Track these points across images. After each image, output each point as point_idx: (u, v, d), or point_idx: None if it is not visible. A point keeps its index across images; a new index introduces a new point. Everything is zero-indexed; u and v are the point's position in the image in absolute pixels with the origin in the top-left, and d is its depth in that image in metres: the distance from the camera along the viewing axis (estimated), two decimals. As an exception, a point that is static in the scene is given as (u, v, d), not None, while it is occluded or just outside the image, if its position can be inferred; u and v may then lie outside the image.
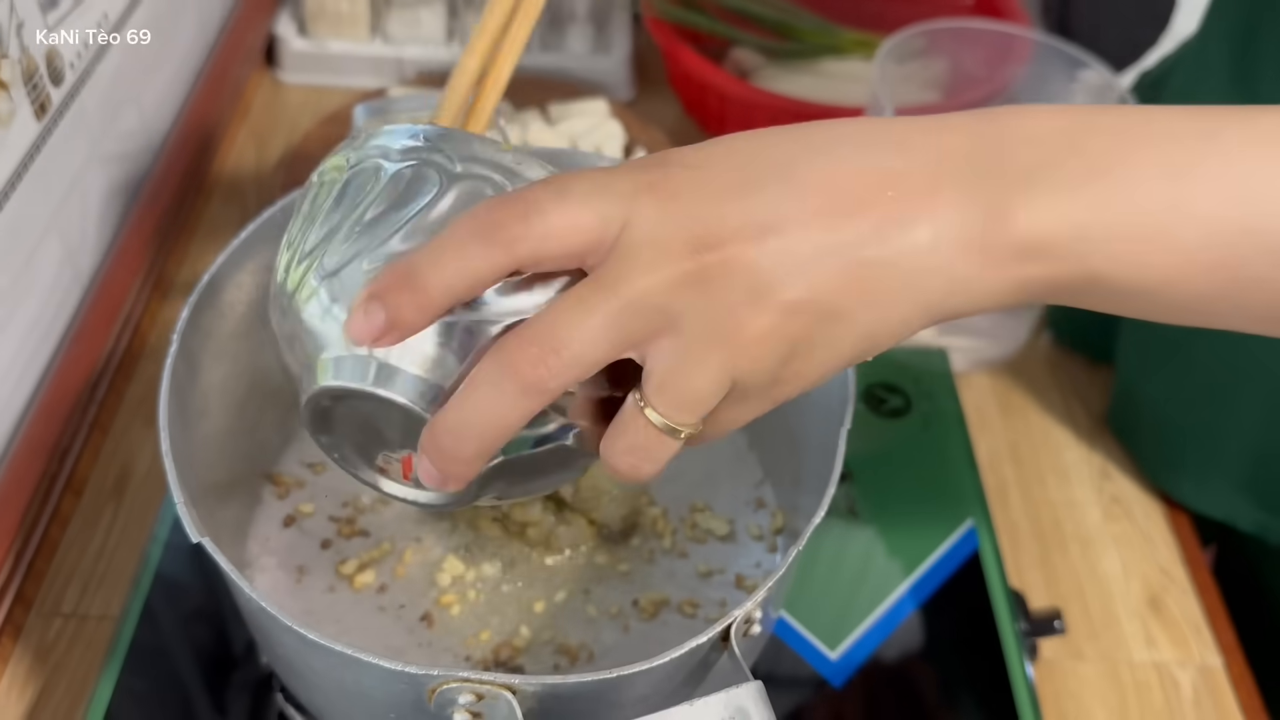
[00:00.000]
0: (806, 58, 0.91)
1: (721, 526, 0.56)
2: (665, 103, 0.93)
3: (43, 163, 0.65)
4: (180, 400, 0.45)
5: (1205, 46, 0.67)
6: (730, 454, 0.59)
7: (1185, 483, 0.69)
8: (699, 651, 0.39)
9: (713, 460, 0.59)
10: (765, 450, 0.59)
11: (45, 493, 0.61)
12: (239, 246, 0.50)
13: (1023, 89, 0.76)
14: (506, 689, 0.37)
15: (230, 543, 0.53)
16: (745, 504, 0.57)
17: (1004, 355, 0.77)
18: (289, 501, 0.56)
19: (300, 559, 0.54)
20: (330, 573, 0.53)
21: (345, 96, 0.93)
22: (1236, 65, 0.63)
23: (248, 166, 0.89)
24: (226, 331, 0.51)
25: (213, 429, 0.50)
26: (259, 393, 0.54)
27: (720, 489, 0.58)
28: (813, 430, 0.53)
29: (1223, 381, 0.65)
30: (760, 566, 0.55)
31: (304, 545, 0.54)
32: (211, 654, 0.54)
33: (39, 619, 0.59)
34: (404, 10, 0.95)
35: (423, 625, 0.51)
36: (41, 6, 0.65)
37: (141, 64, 0.80)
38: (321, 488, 0.56)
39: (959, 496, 0.59)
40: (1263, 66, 0.61)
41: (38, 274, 0.66)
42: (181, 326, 0.47)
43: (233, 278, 0.50)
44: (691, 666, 0.41)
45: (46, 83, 0.66)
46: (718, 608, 0.53)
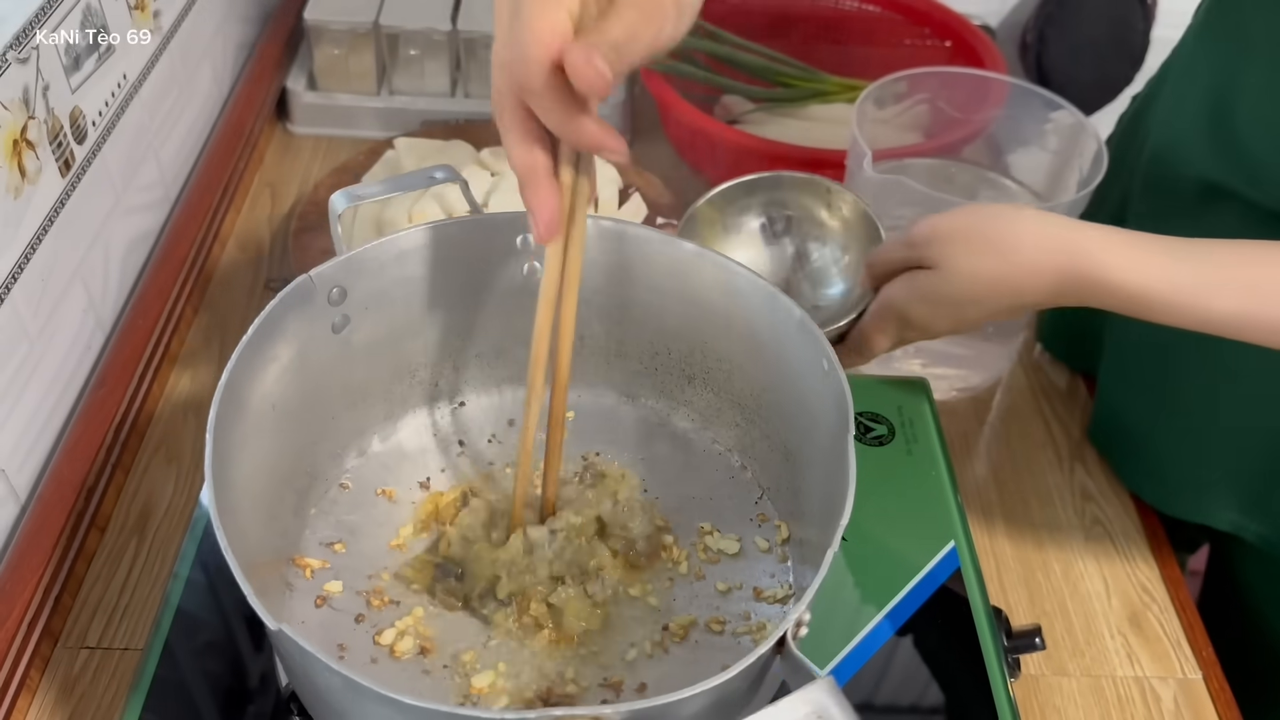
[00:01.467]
0: (794, 103, 0.95)
1: (731, 545, 0.59)
2: (659, 147, 0.97)
3: (68, 216, 0.69)
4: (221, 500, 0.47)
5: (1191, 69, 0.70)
6: (726, 476, 0.62)
7: (1160, 489, 0.72)
8: (762, 659, 0.43)
9: (712, 484, 0.62)
10: (759, 468, 0.62)
11: (72, 530, 0.64)
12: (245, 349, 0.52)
13: (999, 130, 0.80)
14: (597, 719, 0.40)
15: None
16: (749, 521, 0.60)
17: (986, 384, 0.80)
18: (315, 582, 0.57)
19: (338, 637, 0.54)
20: (369, 645, 0.54)
21: (355, 146, 0.97)
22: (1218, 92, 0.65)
23: (262, 214, 0.93)
24: (247, 427, 0.53)
25: (243, 522, 0.51)
26: (275, 480, 0.56)
27: (724, 510, 0.61)
28: (804, 442, 0.57)
29: (1200, 393, 0.68)
30: (775, 577, 0.58)
31: (339, 623, 0.55)
32: (229, 686, 0.56)
33: (65, 651, 0.62)
34: (409, 64, 0.99)
35: (468, 680, 0.53)
36: (66, 69, 0.69)
37: (160, 120, 0.84)
38: (344, 565, 0.58)
39: (941, 520, 0.62)
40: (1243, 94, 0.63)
41: (64, 321, 0.69)
42: (212, 426, 0.48)
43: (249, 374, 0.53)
44: (754, 675, 0.44)
45: (71, 140, 0.69)
46: (742, 621, 0.56)
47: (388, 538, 0.59)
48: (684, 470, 0.63)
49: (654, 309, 0.62)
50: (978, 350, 0.78)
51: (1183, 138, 0.68)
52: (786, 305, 0.55)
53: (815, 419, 0.54)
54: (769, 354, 0.58)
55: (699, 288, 0.59)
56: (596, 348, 0.64)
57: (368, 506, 0.61)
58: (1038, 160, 0.78)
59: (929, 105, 0.82)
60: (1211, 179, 0.65)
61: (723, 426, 0.63)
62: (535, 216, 0.48)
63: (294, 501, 0.58)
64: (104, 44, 0.74)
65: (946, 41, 0.99)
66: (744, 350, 0.60)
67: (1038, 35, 1.17)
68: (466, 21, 0.97)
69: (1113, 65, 1.17)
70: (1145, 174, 0.71)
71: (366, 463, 0.63)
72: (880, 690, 0.55)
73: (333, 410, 0.60)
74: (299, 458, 0.58)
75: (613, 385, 0.66)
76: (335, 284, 0.56)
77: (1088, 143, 0.72)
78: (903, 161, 0.80)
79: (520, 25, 0.44)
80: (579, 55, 0.42)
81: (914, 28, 1.00)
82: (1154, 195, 0.71)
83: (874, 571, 0.60)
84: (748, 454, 0.62)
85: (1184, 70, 0.71)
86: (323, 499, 0.60)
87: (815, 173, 0.82)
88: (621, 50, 0.44)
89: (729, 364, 0.61)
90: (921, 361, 0.78)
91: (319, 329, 0.57)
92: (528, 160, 0.47)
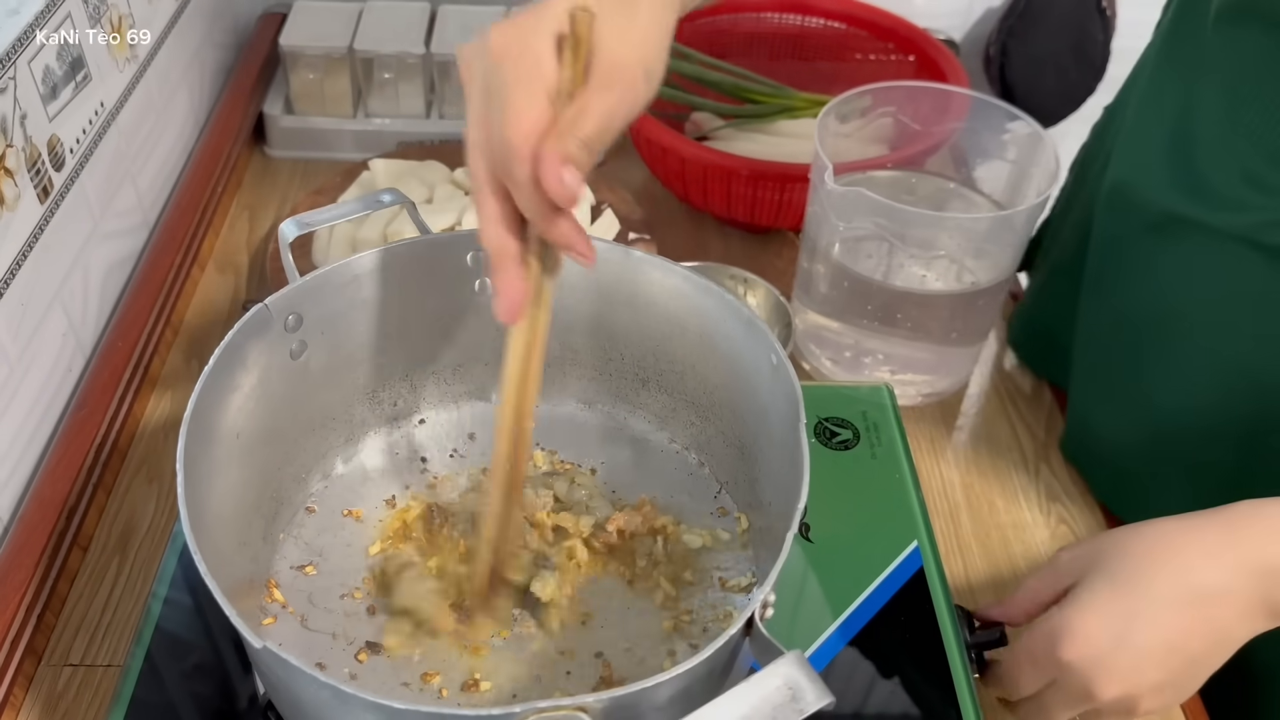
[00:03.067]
0: (762, 119, 0.97)
1: (694, 539, 0.61)
2: (631, 165, 0.99)
3: (46, 241, 0.70)
4: (197, 526, 0.48)
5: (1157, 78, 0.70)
6: (685, 474, 0.65)
7: (1133, 504, 0.71)
8: (732, 641, 0.45)
9: (672, 482, 0.64)
10: (716, 464, 0.64)
11: (54, 549, 0.65)
12: (208, 379, 0.53)
13: (961, 142, 0.82)
14: (580, 710, 0.41)
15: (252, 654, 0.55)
16: (710, 515, 0.63)
17: (953, 389, 0.82)
18: (291, 605, 0.58)
19: (316, 656, 0.55)
20: (351, 661, 0.55)
21: (332, 169, 0.99)
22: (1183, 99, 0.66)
23: (240, 237, 0.94)
24: (214, 456, 0.53)
25: (218, 547, 0.52)
26: (244, 507, 0.57)
27: (684, 506, 0.63)
28: (758, 436, 0.59)
29: (1170, 409, 0.68)
30: (738, 566, 0.60)
31: (315, 642, 0.56)
32: (211, 704, 0.56)
33: (48, 669, 0.63)
34: (384, 87, 1.01)
35: (451, 689, 0.54)
36: (43, 98, 0.70)
37: (137, 146, 0.85)
38: (315, 587, 0.59)
39: (904, 520, 0.63)
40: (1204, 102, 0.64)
41: (44, 345, 0.70)
42: (181, 457, 0.49)
43: (213, 404, 0.53)
44: (724, 658, 0.46)
45: (49, 168, 0.71)
46: (710, 610, 0.58)
47: (358, 557, 0.60)
48: (643, 470, 0.65)
49: (604, 317, 0.63)
50: (943, 356, 0.80)
51: (1143, 164, 0.68)
52: (734, 305, 0.57)
53: (767, 413, 0.56)
54: (719, 354, 0.60)
55: (648, 294, 0.61)
56: (550, 359, 0.65)
57: (335, 528, 0.62)
58: (998, 171, 0.80)
59: (893, 119, 0.84)
60: (1171, 207, 0.65)
61: (679, 426, 0.65)
62: (500, 299, 0.49)
63: (262, 527, 0.59)
64: (81, 73, 0.75)
65: (911, 56, 1.01)
66: (695, 352, 0.62)
67: (1000, 48, 1.19)
68: (440, 45, 0.99)
69: (1074, 76, 1.20)
70: (1107, 199, 0.71)
71: (331, 485, 0.64)
72: (846, 688, 0.56)
73: (294, 435, 0.61)
74: (265, 484, 0.59)
75: (569, 393, 0.68)
76: (291, 310, 0.57)
77: (1045, 152, 0.74)
78: (867, 174, 0.82)
79: (501, 113, 0.45)
80: (550, 169, 0.44)
81: (879, 43, 1.02)
82: (1115, 222, 0.71)
83: (839, 572, 0.61)
84: (705, 451, 0.65)
85: (1144, 96, 0.71)
86: (290, 523, 0.62)
87: (784, 185, 0.86)
88: (596, 143, 0.46)
89: (681, 365, 0.63)
90: (890, 369, 0.79)
91: (277, 356, 0.58)
92: (499, 244, 0.48)
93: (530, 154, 0.45)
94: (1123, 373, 0.71)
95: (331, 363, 0.61)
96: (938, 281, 0.76)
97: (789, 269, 0.90)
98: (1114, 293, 0.71)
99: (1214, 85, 0.63)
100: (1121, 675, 0.50)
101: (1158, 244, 0.66)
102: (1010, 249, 0.74)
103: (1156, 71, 0.70)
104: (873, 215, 0.72)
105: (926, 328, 0.77)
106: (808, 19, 1.04)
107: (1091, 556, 0.53)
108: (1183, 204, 0.64)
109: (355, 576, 0.59)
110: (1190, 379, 0.66)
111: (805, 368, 0.83)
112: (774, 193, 0.87)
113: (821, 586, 0.60)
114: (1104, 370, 0.73)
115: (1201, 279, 0.64)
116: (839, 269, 0.76)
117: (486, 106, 0.47)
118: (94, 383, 0.74)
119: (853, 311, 0.77)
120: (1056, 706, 0.53)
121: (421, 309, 0.63)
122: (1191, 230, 0.64)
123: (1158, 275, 0.67)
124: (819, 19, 1.04)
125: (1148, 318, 0.68)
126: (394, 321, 0.62)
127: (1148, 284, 0.68)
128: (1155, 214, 0.66)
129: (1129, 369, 0.70)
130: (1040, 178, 0.74)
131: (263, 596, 0.58)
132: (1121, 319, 0.70)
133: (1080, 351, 0.75)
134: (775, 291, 0.81)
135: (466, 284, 0.63)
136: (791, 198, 0.87)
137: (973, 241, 0.76)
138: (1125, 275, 0.70)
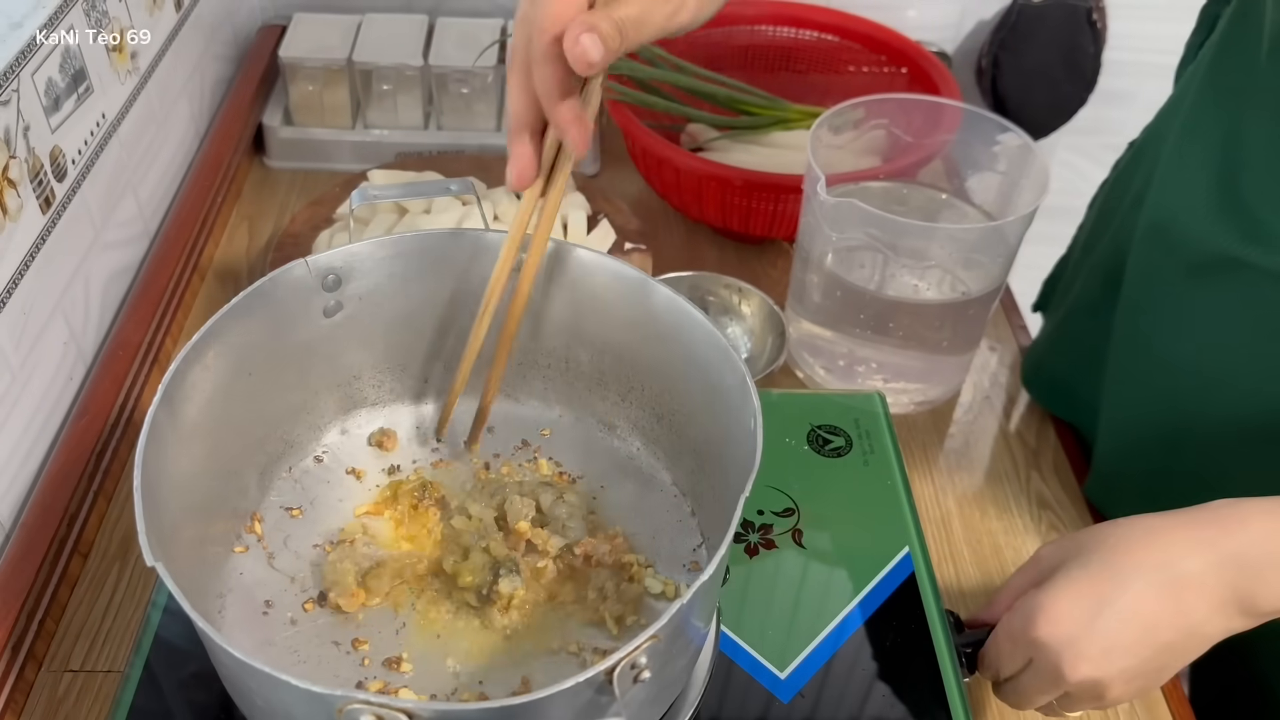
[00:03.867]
0: (757, 131, 0.98)
1: (656, 585, 0.58)
2: (627, 176, 1.00)
3: (49, 251, 0.71)
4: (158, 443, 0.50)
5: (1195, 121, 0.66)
6: (675, 519, 0.62)
7: None
8: (584, 690, 0.42)
9: (659, 524, 0.61)
10: (705, 517, 0.61)
11: (55, 556, 0.66)
12: (229, 309, 0.56)
13: (953, 153, 0.83)
14: (404, 713, 0.40)
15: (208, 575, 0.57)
16: (683, 567, 0.59)
17: (944, 397, 0.83)
18: (267, 541, 0.60)
19: (269, 594, 0.57)
20: (297, 608, 0.57)
21: (330, 180, 1.00)
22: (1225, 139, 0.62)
23: (240, 247, 0.95)
24: (223, 381, 0.56)
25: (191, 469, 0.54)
26: (246, 439, 0.59)
27: (662, 552, 0.60)
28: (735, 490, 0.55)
29: (1213, 453, 0.65)
30: None
31: (274, 581, 0.58)
32: (209, 712, 0.57)
33: (49, 675, 0.63)
34: (383, 99, 1.02)
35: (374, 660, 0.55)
36: (46, 110, 0.71)
37: (138, 157, 0.86)
38: (296, 530, 0.60)
39: (896, 526, 0.64)
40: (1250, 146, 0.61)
41: (45, 353, 0.71)
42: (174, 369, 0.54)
43: (228, 332, 0.56)
44: (579, 705, 0.44)
45: (51, 178, 0.72)
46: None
47: (344, 513, 0.62)
48: (638, 506, 0.62)
49: (630, 349, 0.63)
50: (935, 364, 0.80)
51: (1185, 202, 0.64)
52: (734, 360, 0.55)
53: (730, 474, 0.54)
54: (716, 410, 0.57)
55: (674, 334, 0.60)
56: (579, 374, 0.66)
57: (335, 482, 0.63)
58: (989, 182, 0.81)
59: (885, 131, 0.85)
60: (1217, 246, 0.62)
61: (682, 472, 0.63)
62: (511, 166, 0.53)
63: (264, 462, 0.62)
64: (83, 85, 0.76)
65: (903, 69, 1.02)
66: (700, 402, 0.59)
67: (992, 61, 1.21)
68: (438, 57, 1.00)
69: (1066, 88, 1.21)
70: (1144, 239, 0.68)
71: (345, 442, 0.65)
72: (839, 690, 0.57)
73: (316, 388, 0.64)
74: (275, 424, 0.62)
75: (592, 412, 0.66)
76: (331, 270, 0.60)
77: (1035, 164, 0.75)
78: (859, 185, 0.83)
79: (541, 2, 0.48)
80: (575, 30, 0.46)
81: (871, 56, 1.04)
82: (1153, 262, 0.67)
83: (831, 577, 0.62)
84: (699, 501, 0.62)
85: (1185, 129, 0.67)
86: (295, 468, 0.64)
87: (778, 196, 0.87)
88: (629, 28, 0.47)
89: (689, 409, 0.61)
90: (883, 377, 0.80)
91: (310, 309, 0.60)
92: (520, 113, 0.52)
93: (553, 29, 0.47)
94: (1159, 417, 0.68)
95: (364, 329, 0.63)
96: (930, 291, 0.77)
97: (783, 279, 0.91)
98: (1151, 335, 0.68)
99: (1265, 118, 0.60)
100: (1091, 658, 0.51)
101: (1200, 285, 0.64)
102: (1001, 259, 0.75)
103: (1198, 105, 0.66)
104: (865, 226, 0.73)
105: (919, 336, 0.78)
106: (801, 32, 1.05)
107: (1070, 547, 0.54)
108: (1230, 243, 0.61)
109: (334, 531, 0.61)
110: (1235, 423, 0.64)
111: (799, 375, 0.84)
112: (768, 203, 0.88)
113: (814, 592, 0.61)
114: (1138, 415, 0.70)
115: (1250, 320, 0.62)
116: (832, 279, 0.77)
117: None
118: (95, 391, 0.75)
119: (846, 320, 0.78)
120: (1031, 688, 0.54)
121: (460, 297, 0.64)
122: (1239, 270, 0.61)
123: (1200, 317, 0.64)
124: (812, 32, 1.05)
125: (1188, 361, 0.65)
126: (432, 302, 0.64)
127: (1189, 326, 0.65)
128: (1199, 254, 0.63)
129: (1166, 414, 0.67)
130: (1030, 189, 0.75)
131: (244, 526, 0.60)
132: (1158, 362, 0.67)
133: (1110, 395, 0.73)
134: (769, 301, 0.82)
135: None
136: (785, 208, 0.88)
137: (964, 251, 0.77)
138: (1163, 317, 0.67)
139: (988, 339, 0.88)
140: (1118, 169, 0.80)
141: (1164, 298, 0.67)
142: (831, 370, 0.82)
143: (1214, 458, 0.66)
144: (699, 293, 0.85)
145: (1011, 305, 0.92)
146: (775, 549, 0.63)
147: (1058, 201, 0.84)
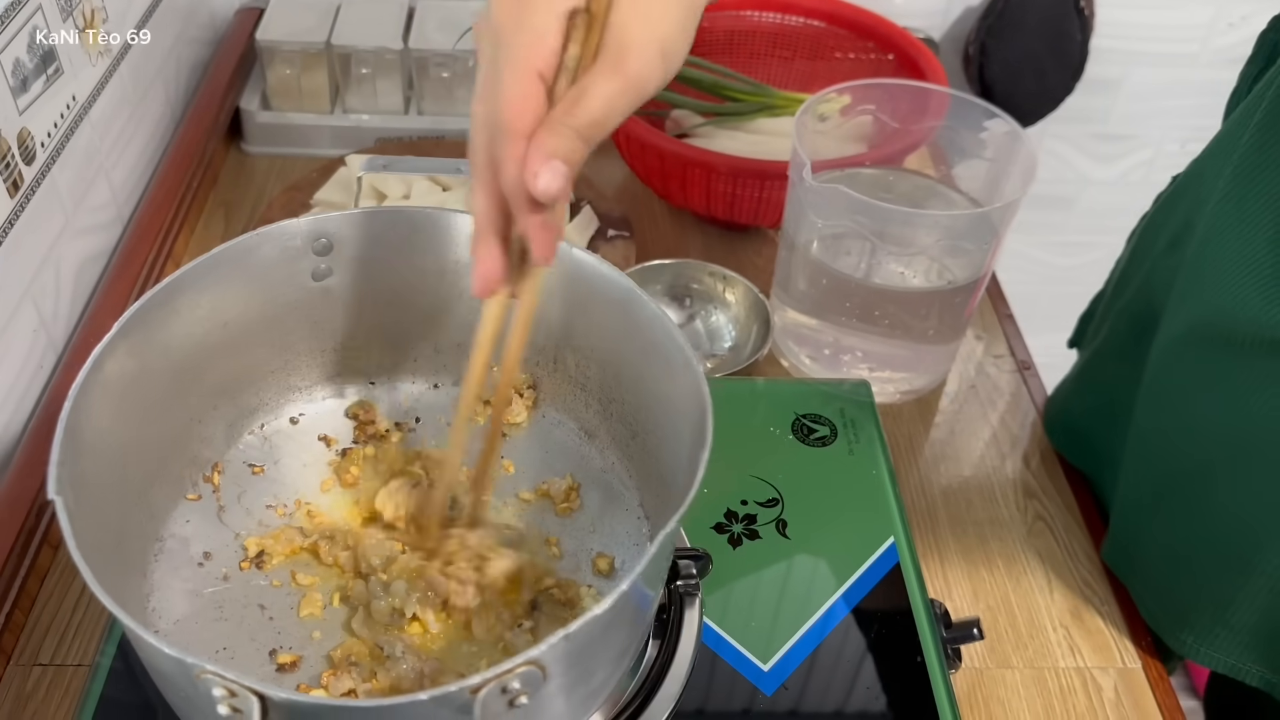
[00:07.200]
0: (742, 117, 0.97)
1: (591, 601, 0.55)
2: (610, 162, 0.99)
3: (16, 237, 0.69)
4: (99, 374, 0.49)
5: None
6: (634, 542, 0.59)
7: (1187, 634, 0.64)
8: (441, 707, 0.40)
9: (616, 540, 0.59)
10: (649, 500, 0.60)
11: (24, 547, 0.65)
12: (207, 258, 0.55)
13: (940, 139, 0.82)
14: (256, 695, 0.39)
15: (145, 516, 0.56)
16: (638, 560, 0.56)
17: (930, 386, 0.82)
18: (222, 493, 0.59)
19: (211, 545, 0.57)
20: (233, 564, 0.56)
21: (308, 165, 0.98)
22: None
23: (215, 233, 0.93)
24: (193, 329, 0.56)
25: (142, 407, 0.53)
26: (216, 387, 0.59)
27: (618, 540, 0.59)
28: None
29: (1241, 531, 0.60)
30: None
31: (217, 535, 0.57)
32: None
33: (18, 669, 0.62)
34: (362, 83, 1.00)
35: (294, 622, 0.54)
36: (13, 90, 0.69)
37: (111, 141, 0.84)
38: (253, 487, 0.60)
39: (882, 516, 0.63)
40: None
41: (14, 341, 0.69)
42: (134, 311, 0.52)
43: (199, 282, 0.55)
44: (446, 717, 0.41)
45: (19, 162, 0.70)
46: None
47: (306, 479, 0.61)
48: (600, 522, 0.60)
49: (616, 357, 0.61)
50: (921, 353, 0.80)
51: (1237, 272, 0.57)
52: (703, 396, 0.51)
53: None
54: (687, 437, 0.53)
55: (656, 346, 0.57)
56: (566, 376, 0.64)
57: (304, 445, 0.63)
58: (976, 169, 0.80)
59: (872, 117, 0.84)
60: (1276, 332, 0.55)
61: (650, 493, 0.60)
62: (475, 270, 0.49)
63: (233, 415, 0.61)
64: (52, 66, 0.74)
65: (890, 55, 1.01)
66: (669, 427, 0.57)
67: (980, 48, 1.20)
68: (418, 40, 0.99)
69: (1053, 75, 1.20)
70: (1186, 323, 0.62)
71: (325, 408, 0.65)
72: (823, 682, 0.56)
73: (301, 349, 0.63)
74: (247, 378, 0.61)
75: (572, 415, 0.65)
76: (323, 234, 0.59)
77: (1022, 151, 0.74)
78: (846, 171, 0.82)
79: (497, 89, 0.45)
80: (532, 163, 0.43)
81: (858, 41, 1.03)
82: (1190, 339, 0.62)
83: (815, 567, 0.61)
84: (657, 527, 0.58)
85: (1238, 179, 0.59)
86: (267, 425, 0.63)
87: (763, 182, 0.85)
88: (594, 133, 0.44)
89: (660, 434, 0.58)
90: (868, 366, 0.80)
91: (296, 270, 0.59)
92: (484, 215, 0.48)
93: (519, 135, 0.44)
94: (1188, 488, 0.63)
95: (353, 299, 0.62)
96: (916, 278, 0.76)
97: (768, 266, 0.90)
98: (1182, 405, 0.63)
99: None
100: None
101: (1242, 359, 0.58)
102: (987, 246, 0.75)
103: (1258, 153, 0.58)
104: (851, 212, 0.72)
105: (905, 325, 0.77)
106: (787, 17, 1.04)
107: None
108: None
109: (290, 495, 0.60)
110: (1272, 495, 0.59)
111: (784, 364, 0.83)
112: (753, 190, 0.87)
113: (798, 583, 0.60)
114: (1165, 483, 0.65)
115: None
116: (818, 266, 0.76)
117: (491, 80, 0.46)
118: (66, 380, 0.73)
119: (831, 309, 0.77)
120: None
121: (453, 280, 0.62)
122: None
123: (1240, 391, 0.59)
124: (799, 17, 1.04)
125: (1222, 433, 0.60)
126: (423, 282, 0.62)
127: (1226, 399, 0.60)
128: (1250, 339, 0.57)
129: (1197, 484, 0.62)
130: (1018, 176, 0.74)
131: (200, 475, 0.60)
132: (1190, 431, 0.62)
133: (1134, 459, 0.68)
134: (754, 289, 0.81)
135: None
136: (771, 195, 0.87)
137: (951, 239, 0.76)
138: (1196, 389, 0.62)
139: (974, 328, 0.88)
140: (1158, 203, 0.73)
141: (1202, 364, 0.61)
142: (817, 359, 0.81)
143: (1246, 531, 0.60)
144: (683, 281, 0.84)
145: (998, 294, 0.91)
146: (759, 539, 0.62)
147: (1045, 190, 0.83)
